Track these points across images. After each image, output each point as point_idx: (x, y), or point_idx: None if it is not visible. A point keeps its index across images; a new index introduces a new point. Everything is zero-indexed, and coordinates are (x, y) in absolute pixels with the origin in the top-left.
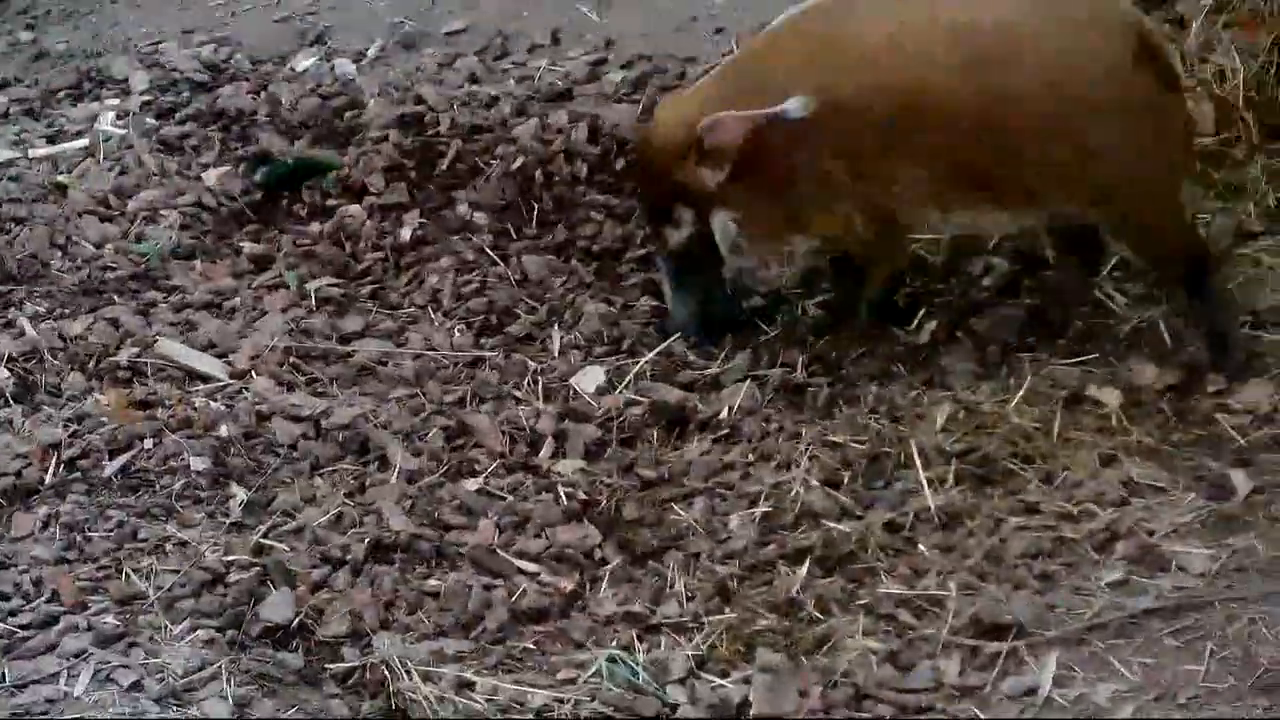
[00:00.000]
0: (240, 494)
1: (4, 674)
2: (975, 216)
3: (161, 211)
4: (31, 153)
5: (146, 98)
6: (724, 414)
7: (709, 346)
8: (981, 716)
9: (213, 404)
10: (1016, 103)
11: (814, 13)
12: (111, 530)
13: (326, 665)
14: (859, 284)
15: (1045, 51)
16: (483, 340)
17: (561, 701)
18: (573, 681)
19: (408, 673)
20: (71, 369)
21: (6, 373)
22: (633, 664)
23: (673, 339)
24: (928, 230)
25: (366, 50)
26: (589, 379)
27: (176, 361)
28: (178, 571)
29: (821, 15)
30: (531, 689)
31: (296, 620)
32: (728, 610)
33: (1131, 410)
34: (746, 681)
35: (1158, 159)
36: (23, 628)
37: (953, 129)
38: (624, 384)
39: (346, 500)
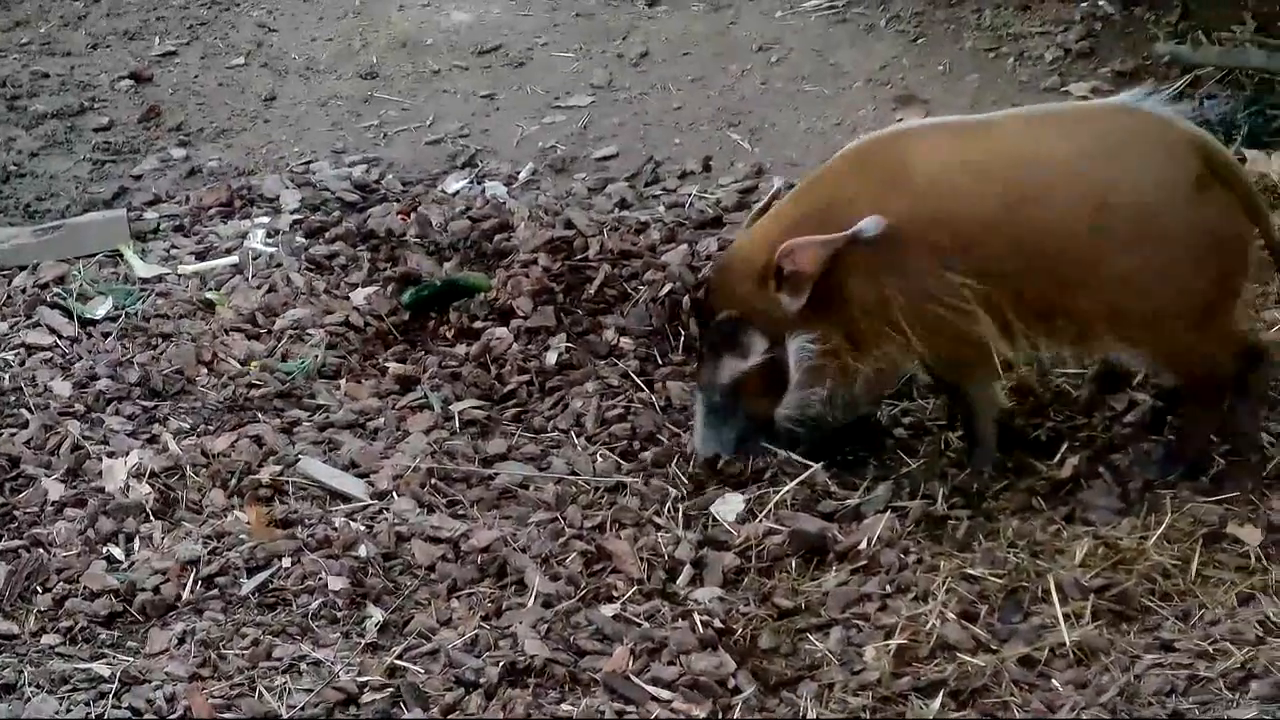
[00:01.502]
0: (376, 615)
1: None
2: (1039, 348)
3: (308, 330)
4: (180, 269)
5: (297, 216)
6: (863, 545)
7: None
8: None
9: (352, 524)
10: (1062, 235)
11: (878, 141)
12: (246, 648)
13: None
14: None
15: (1093, 183)
16: (624, 465)
17: None
18: None
19: None
20: (213, 486)
21: (148, 488)
22: None
23: (816, 467)
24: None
25: (518, 173)
26: (729, 507)
27: (318, 481)
28: (311, 691)
29: (885, 144)
30: None
31: None
32: None
33: (1271, 549)
34: None
35: (1209, 289)
36: None
37: (1000, 260)
38: (764, 512)
39: (482, 623)
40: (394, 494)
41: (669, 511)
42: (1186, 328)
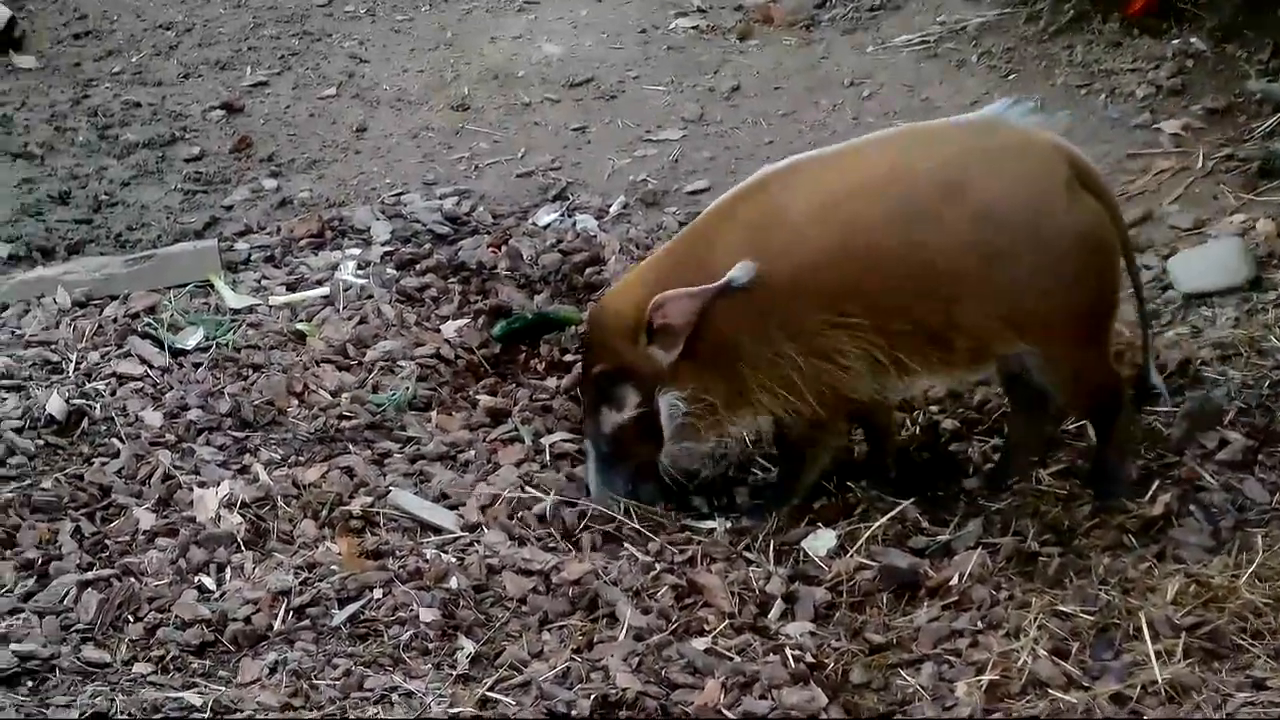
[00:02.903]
0: (468, 646)
1: None
2: (933, 379)
3: (399, 362)
4: (271, 300)
5: (387, 248)
6: (954, 580)
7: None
8: None
9: (444, 556)
10: (948, 251)
11: (748, 187)
12: (338, 679)
13: None
14: (798, 461)
15: (971, 195)
16: (715, 499)
17: None
18: None
19: None
20: (304, 516)
21: (239, 519)
22: None
23: (906, 503)
24: (887, 394)
25: (608, 206)
26: (820, 542)
27: (409, 512)
28: None
29: (756, 188)
30: None
31: None
32: None
33: None
34: None
35: (1092, 292)
36: None
37: (888, 290)
38: (855, 547)
39: (574, 656)
40: (484, 526)
41: (760, 546)
42: (1079, 337)
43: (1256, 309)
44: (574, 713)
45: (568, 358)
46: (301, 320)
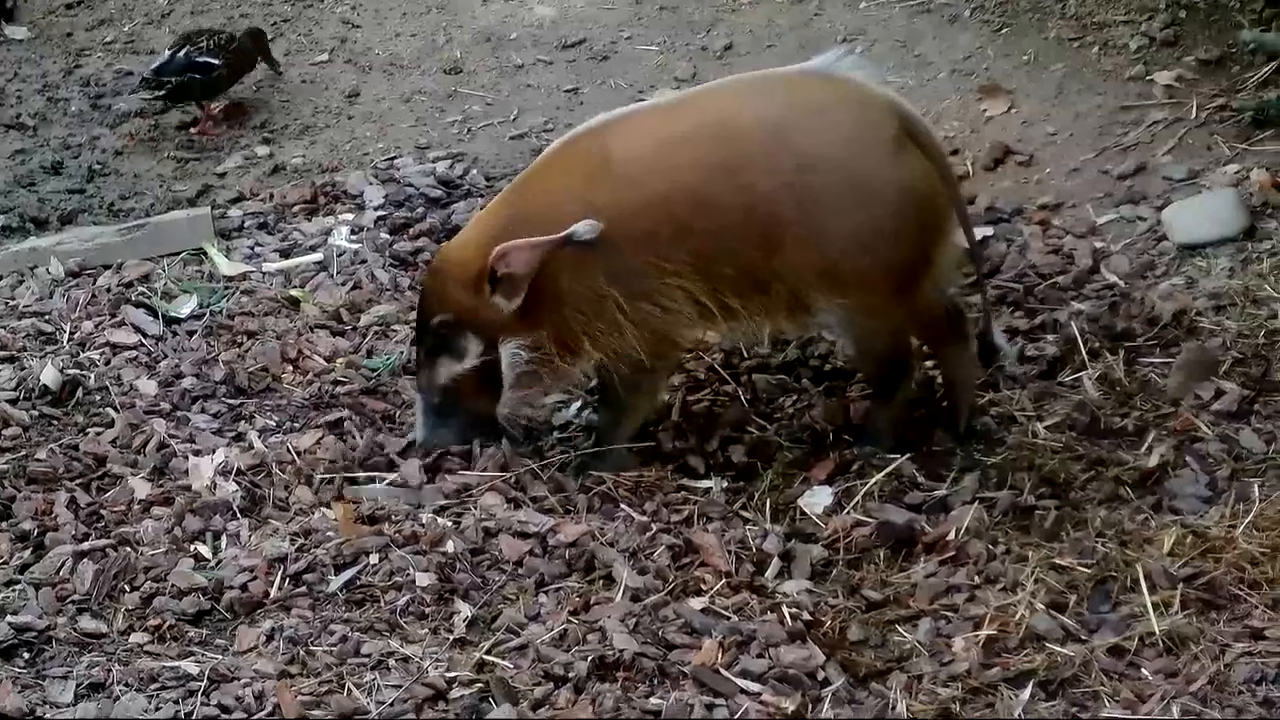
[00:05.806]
0: (465, 610)
1: None
2: (757, 323)
3: (394, 327)
4: (265, 266)
5: (381, 212)
6: (951, 536)
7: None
8: None
9: (439, 520)
10: (768, 199)
11: (579, 135)
12: (335, 645)
13: None
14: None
15: (794, 146)
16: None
17: None
18: None
19: None
20: (299, 483)
21: (235, 486)
22: None
23: (903, 459)
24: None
25: None
26: (817, 499)
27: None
28: (400, 687)
29: (586, 137)
30: None
31: None
32: None
33: None
34: None
35: (909, 248)
36: None
37: (713, 235)
38: (852, 504)
39: (571, 618)
40: (480, 489)
41: (756, 504)
42: (890, 290)
43: (1251, 259)
44: (571, 674)
45: None
46: (295, 286)
